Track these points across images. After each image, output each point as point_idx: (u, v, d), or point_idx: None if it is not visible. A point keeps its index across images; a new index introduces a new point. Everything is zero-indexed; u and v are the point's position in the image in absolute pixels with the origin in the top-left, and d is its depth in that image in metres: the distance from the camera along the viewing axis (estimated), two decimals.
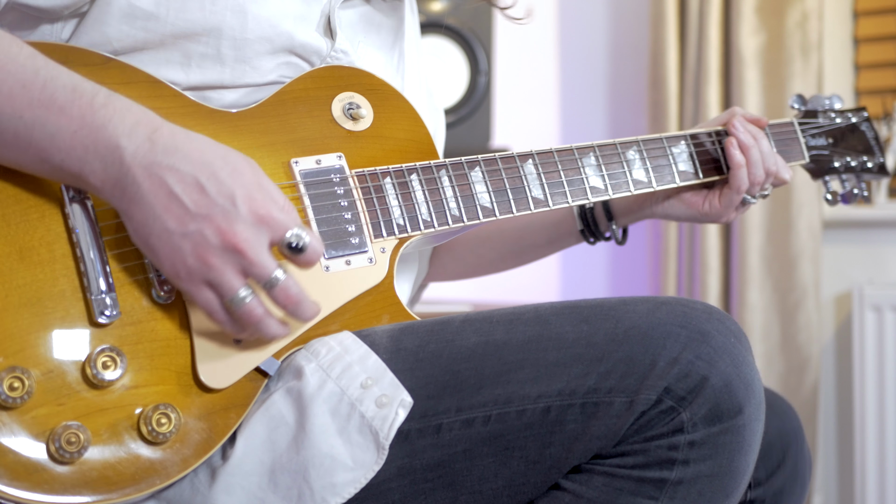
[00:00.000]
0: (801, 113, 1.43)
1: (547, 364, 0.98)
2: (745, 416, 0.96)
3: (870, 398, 2.63)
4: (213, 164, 0.92)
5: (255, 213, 0.92)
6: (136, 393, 0.95)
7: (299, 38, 1.10)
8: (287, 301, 0.95)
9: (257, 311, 0.94)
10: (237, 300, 0.93)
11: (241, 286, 0.93)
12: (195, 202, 0.91)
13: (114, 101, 0.93)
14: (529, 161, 1.18)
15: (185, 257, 0.92)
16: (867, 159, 1.44)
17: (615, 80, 3.09)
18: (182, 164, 0.91)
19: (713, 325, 0.97)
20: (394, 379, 0.99)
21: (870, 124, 1.45)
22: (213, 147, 0.94)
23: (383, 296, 1.09)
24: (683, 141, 1.29)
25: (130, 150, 0.91)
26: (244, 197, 0.92)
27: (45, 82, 0.92)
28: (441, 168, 1.13)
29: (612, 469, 0.97)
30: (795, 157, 1.39)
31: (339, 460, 0.97)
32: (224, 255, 0.91)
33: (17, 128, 0.91)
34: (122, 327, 0.95)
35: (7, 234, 0.93)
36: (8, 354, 0.90)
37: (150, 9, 1.03)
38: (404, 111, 1.16)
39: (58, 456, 0.90)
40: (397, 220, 1.09)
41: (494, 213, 1.15)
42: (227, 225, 0.91)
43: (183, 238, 0.91)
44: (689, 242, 2.85)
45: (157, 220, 0.91)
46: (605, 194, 1.22)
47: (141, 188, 0.91)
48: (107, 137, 0.91)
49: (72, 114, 0.91)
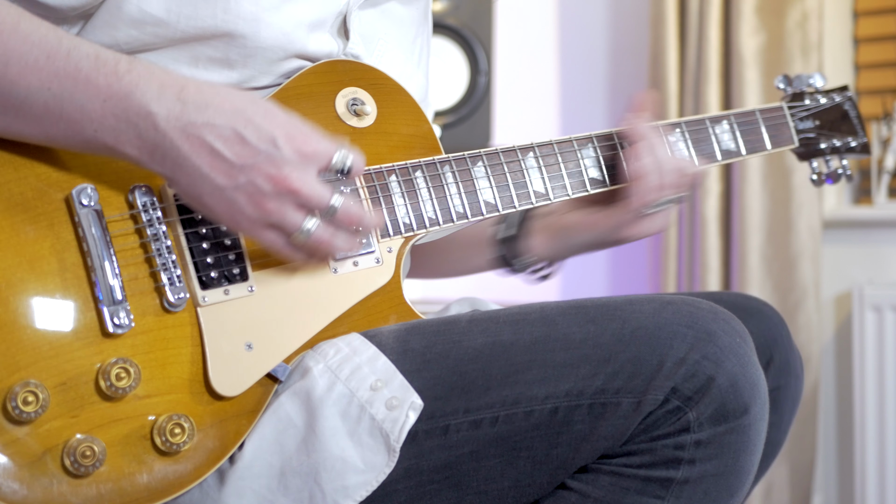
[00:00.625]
0: (789, 96, 1.44)
1: (554, 365, 0.98)
2: (750, 415, 0.96)
3: (870, 398, 2.63)
4: (247, 111, 0.93)
5: (298, 151, 0.94)
6: (148, 402, 0.95)
7: (312, 45, 1.10)
8: (350, 221, 0.98)
9: (325, 235, 0.96)
10: (304, 233, 0.95)
11: (302, 220, 0.95)
12: (238, 154, 0.92)
13: (136, 66, 0.93)
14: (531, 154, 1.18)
15: (242, 208, 0.93)
16: (851, 139, 1.45)
17: (615, 80, 3.10)
18: (217, 118, 0.92)
19: (719, 325, 0.97)
20: (403, 381, 0.99)
21: (852, 103, 1.46)
22: (240, 94, 0.95)
23: (390, 296, 1.08)
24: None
25: (163, 115, 0.91)
26: (284, 137, 0.93)
27: (69, 51, 0.91)
28: (445, 164, 1.13)
29: (619, 468, 0.97)
30: (786, 141, 1.39)
31: (350, 463, 0.97)
32: (280, 198, 0.93)
33: (46, 100, 0.91)
34: (134, 336, 0.95)
35: (17, 243, 0.92)
36: (21, 367, 0.90)
37: (160, 15, 1.02)
38: (407, 106, 1.16)
39: (73, 469, 0.90)
40: (403, 218, 1.09)
41: (497, 208, 1.15)
42: (275, 170, 0.93)
43: (235, 191, 0.92)
44: (689, 242, 2.86)
45: (206, 180, 0.92)
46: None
47: (181, 150, 0.91)
48: (136, 104, 0.91)
49: (98, 83, 0.91)
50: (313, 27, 1.10)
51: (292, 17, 1.08)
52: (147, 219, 0.97)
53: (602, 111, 3.10)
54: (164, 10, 1.02)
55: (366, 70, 1.14)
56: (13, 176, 0.93)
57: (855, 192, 2.95)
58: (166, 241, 0.97)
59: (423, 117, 1.16)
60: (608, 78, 3.10)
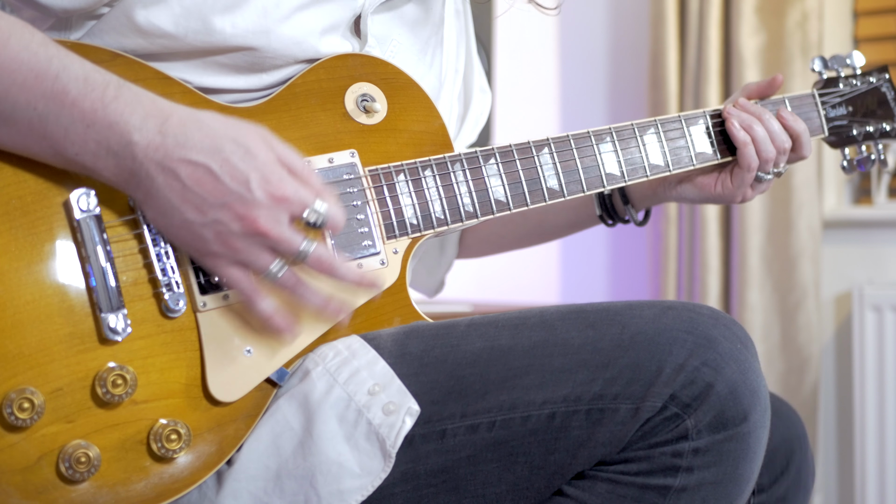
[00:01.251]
0: (822, 80, 1.39)
1: (552, 370, 0.97)
2: (750, 423, 0.95)
3: (870, 398, 2.63)
4: (225, 150, 0.92)
5: (271, 196, 0.92)
6: (145, 408, 0.94)
7: (324, 49, 1.09)
8: (322, 267, 0.96)
9: (291, 280, 0.95)
10: (270, 275, 0.94)
11: (270, 262, 0.94)
12: (210, 192, 0.91)
13: (124, 92, 0.92)
14: (545, 149, 1.15)
15: (208, 244, 0.93)
16: (885, 124, 1.40)
17: (615, 80, 3.09)
18: (194, 155, 0.91)
19: (719, 330, 0.97)
20: (401, 386, 0.98)
21: (890, 84, 1.41)
22: (225, 129, 0.94)
23: (395, 298, 1.07)
24: (702, 119, 1.26)
25: (142, 145, 0.91)
26: (259, 180, 0.92)
27: (58, 73, 0.91)
28: (456, 161, 1.11)
29: (616, 476, 0.96)
30: (815, 132, 1.34)
31: (347, 467, 0.96)
32: (248, 239, 0.92)
33: (31, 118, 0.91)
34: (132, 342, 0.94)
35: (15, 248, 0.92)
36: (17, 373, 0.89)
37: (168, 29, 1.02)
38: (419, 101, 1.13)
39: (68, 476, 0.90)
40: (410, 219, 1.08)
41: (509, 206, 1.12)
42: (245, 210, 0.92)
43: (203, 227, 0.92)
44: (689, 242, 2.86)
45: (176, 212, 0.92)
46: (620, 181, 1.19)
47: (155, 182, 0.91)
48: (119, 133, 0.91)
49: (84, 107, 0.91)
50: (325, 31, 1.09)
51: (304, 25, 1.07)
52: (146, 224, 0.96)
53: (602, 111, 3.10)
54: (173, 24, 1.02)
55: (377, 64, 1.12)
56: (12, 179, 0.93)
57: (855, 192, 2.95)
58: (165, 246, 0.97)
59: (436, 113, 1.14)
60: (608, 78, 3.10)
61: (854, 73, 1.40)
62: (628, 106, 3.06)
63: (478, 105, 1.42)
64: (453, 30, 1.35)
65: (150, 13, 1.01)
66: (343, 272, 0.97)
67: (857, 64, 1.40)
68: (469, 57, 1.39)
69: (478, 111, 1.41)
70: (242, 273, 0.94)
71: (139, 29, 1.02)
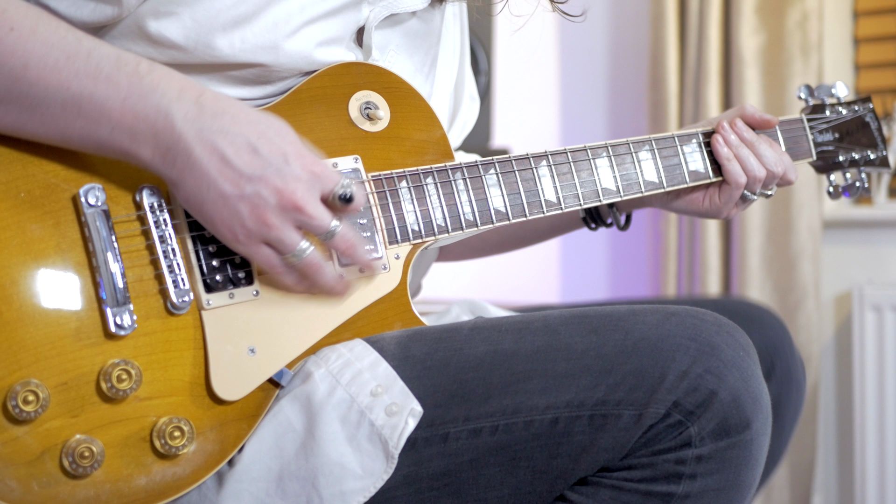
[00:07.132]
0: (809, 107, 1.43)
1: (556, 375, 0.98)
2: (752, 430, 0.96)
3: (870, 398, 2.63)
4: (260, 124, 0.93)
5: (308, 169, 0.94)
6: (149, 405, 0.95)
7: (328, 61, 1.09)
8: (347, 246, 0.97)
9: (317, 260, 0.96)
10: (299, 253, 0.95)
11: (300, 240, 0.95)
12: (248, 164, 0.92)
13: (157, 67, 0.93)
14: (543, 162, 1.17)
15: (243, 220, 0.93)
16: (870, 152, 1.44)
17: (615, 80, 3.09)
18: (232, 126, 0.92)
19: (722, 337, 0.97)
20: (404, 387, 0.99)
21: (874, 115, 1.46)
22: (255, 109, 0.96)
23: (396, 303, 1.08)
24: (695, 140, 1.28)
25: (181, 115, 0.91)
26: (295, 154, 0.94)
27: (90, 52, 0.91)
28: (456, 171, 1.12)
29: (619, 482, 0.97)
30: (803, 154, 1.38)
31: (349, 468, 0.97)
32: (283, 214, 0.93)
33: (64, 100, 0.91)
34: (137, 338, 0.95)
35: (22, 241, 0.92)
36: (23, 366, 0.89)
37: (179, 41, 1.02)
38: (421, 111, 1.15)
39: (71, 470, 0.90)
40: (412, 225, 1.09)
41: (508, 217, 1.14)
42: (283, 184, 0.92)
43: (240, 201, 0.92)
44: (689, 242, 2.86)
45: (212, 186, 0.92)
46: (616, 196, 1.21)
47: (193, 154, 0.91)
48: (156, 103, 0.91)
49: (119, 82, 0.91)
50: (330, 43, 1.10)
51: (310, 39, 1.07)
52: (154, 220, 0.97)
53: (602, 111, 3.10)
54: (183, 37, 1.02)
55: (380, 73, 1.13)
56: (21, 173, 0.93)
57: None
58: (172, 242, 0.97)
59: (437, 123, 1.15)
60: (608, 78, 3.10)
61: (839, 101, 1.45)
62: (628, 106, 3.06)
63: (466, 112, 1.43)
64: (450, 39, 1.36)
65: (161, 24, 1.01)
66: (363, 252, 0.99)
67: (841, 94, 1.45)
68: (462, 64, 1.41)
69: (465, 118, 1.43)
70: (272, 253, 0.95)
71: (150, 38, 1.02)
